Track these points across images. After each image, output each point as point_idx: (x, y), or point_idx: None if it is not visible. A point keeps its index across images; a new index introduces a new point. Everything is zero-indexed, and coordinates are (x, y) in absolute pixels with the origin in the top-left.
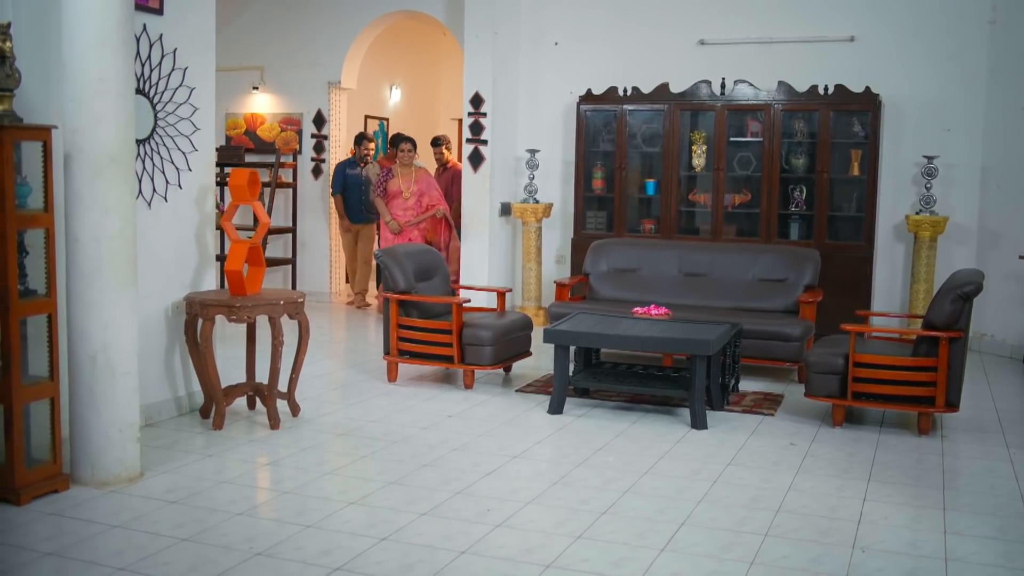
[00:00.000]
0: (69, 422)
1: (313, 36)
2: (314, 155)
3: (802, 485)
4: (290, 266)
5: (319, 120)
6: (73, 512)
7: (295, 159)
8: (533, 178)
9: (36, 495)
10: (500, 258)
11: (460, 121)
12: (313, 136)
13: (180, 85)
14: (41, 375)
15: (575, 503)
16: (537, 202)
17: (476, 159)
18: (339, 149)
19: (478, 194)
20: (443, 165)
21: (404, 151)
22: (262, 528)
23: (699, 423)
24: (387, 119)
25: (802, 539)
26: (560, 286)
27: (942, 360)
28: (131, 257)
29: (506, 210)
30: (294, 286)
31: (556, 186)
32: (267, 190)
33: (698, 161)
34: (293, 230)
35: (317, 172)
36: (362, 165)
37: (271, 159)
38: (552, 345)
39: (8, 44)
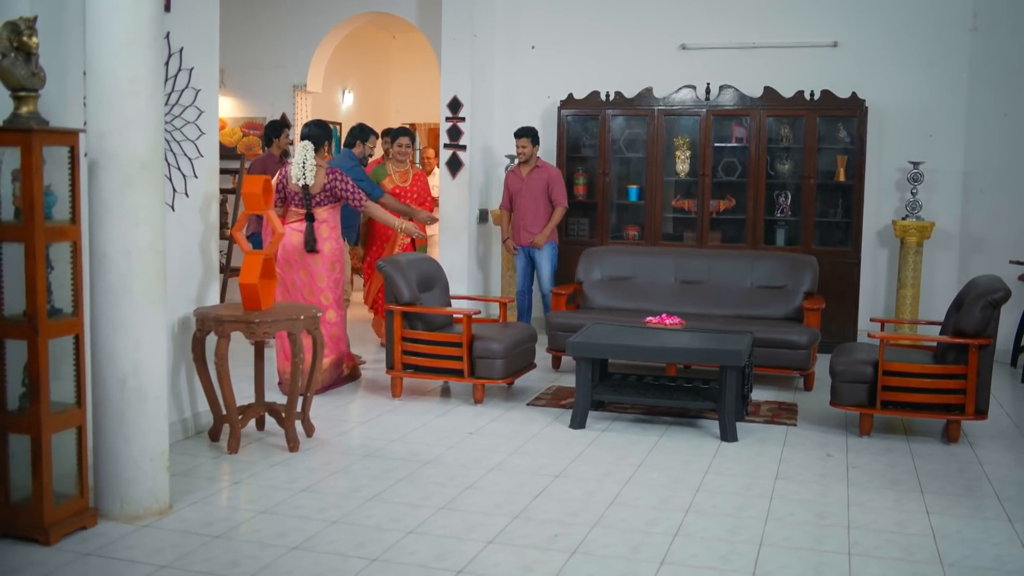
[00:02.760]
0: (93, 451)
1: (278, 38)
2: None
3: (859, 499)
4: None
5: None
6: (110, 551)
7: None
8: None
9: (64, 533)
10: (478, 266)
11: (412, 126)
12: None
13: (187, 87)
14: (66, 401)
15: (641, 525)
16: None
17: (455, 165)
18: None
19: (457, 201)
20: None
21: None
22: (327, 563)
23: (730, 435)
24: (340, 123)
25: (887, 557)
26: (557, 295)
27: (972, 367)
28: (162, 271)
29: (484, 217)
30: None
31: None
32: (231, 197)
33: (682, 167)
34: None
35: None
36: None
37: (232, 165)
38: (549, 356)
39: (34, 40)
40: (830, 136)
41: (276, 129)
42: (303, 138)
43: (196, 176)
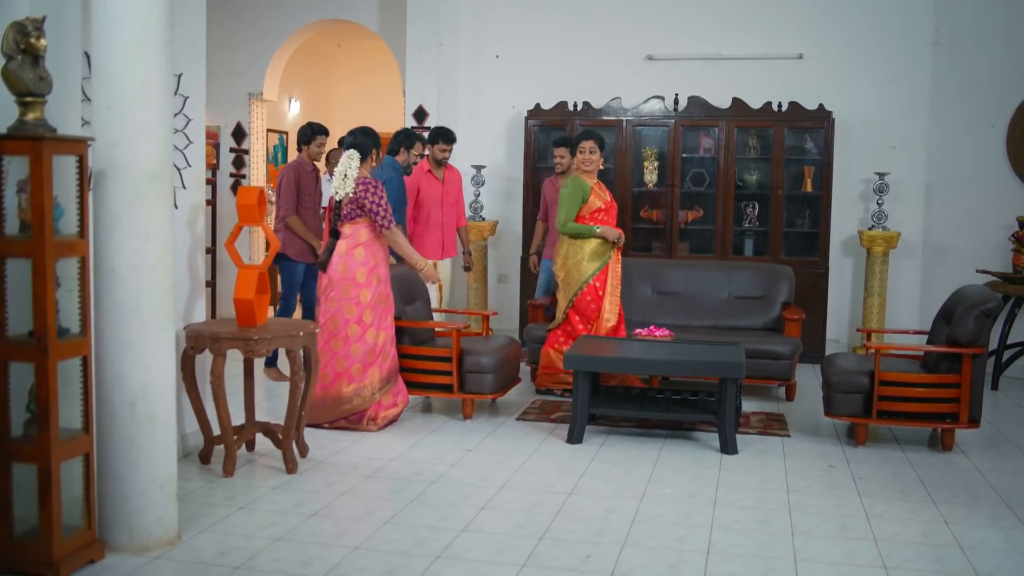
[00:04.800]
0: (98, 479)
1: (234, 44)
2: (233, 170)
3: (876, 511)
4: (210, 289)
5: (239, 133)
6: None
7: (213, 175)
8: (479, 195)
9: (74, 568)
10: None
11: None
12: (232, 150)
13: (175, 93)
14: (72, 427)
15: (671, 543)
16: (483, 220)
17: None
18: (260, 164)
19: None
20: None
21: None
22: None
23: (730, 448)
24: (286, 132)
25: (923, 570)
26: (535, 307)
27: (966, 376)
28: (171, 288)
29: None
30: (214, 311)
31: (498, 203)
32: None
33: (650, 177)
34: (212, 250)
35: (236, 189)
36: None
37: None
38: (527, 369)
39: (43, 42)
40: (797, 147)
41: (308, 134)
42: (347, 147)
43: (184, 187)
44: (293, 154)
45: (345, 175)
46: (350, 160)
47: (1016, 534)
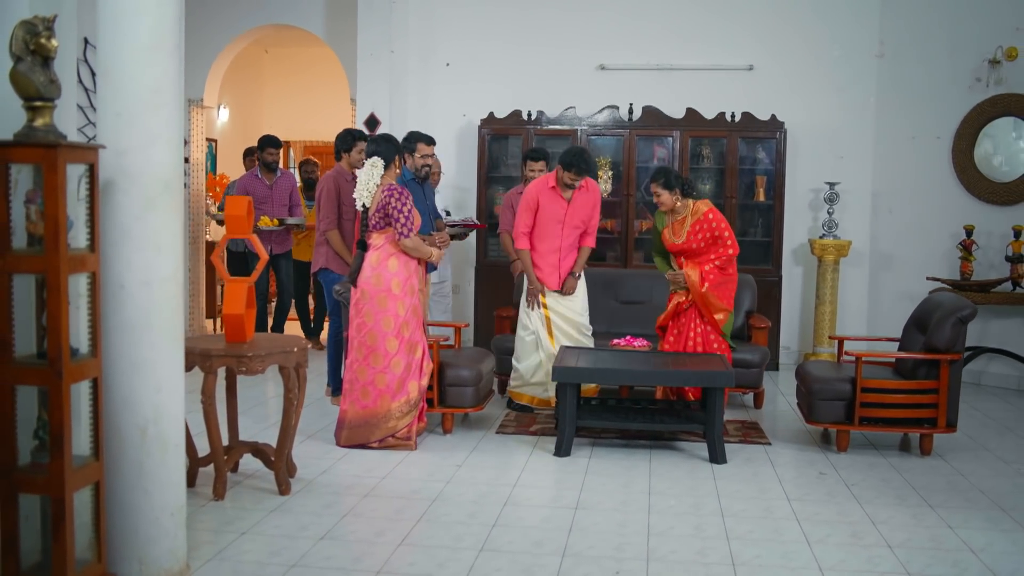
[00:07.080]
0: (106, 508)
1: None
2: None
3: (880, 517)
4: None
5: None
6: None
7: None
8: None
9: None
10: None
11: (287, 143)
12: None
13: None
14: (82, 454)
15: (693, 556)
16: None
17: None
18: (200, 172)
19: None
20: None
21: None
22: None
23: (720, 458)
24: (215, 140)
25: None
26: (501, 318)
27: (943, 382)
28: (181, 304)
29: None
30: None
31: (450, 212)
32: None
33: (605, 186)
34: None
35: None
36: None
37: None
38: (498, 381)
39: (53, 42)
40: (750, 157)
41: (347, 141)
42: (369, 155)
43: None
44: (226, 162)
45: (368, 183)
46: (373, 168)
47: (1020, 537)
